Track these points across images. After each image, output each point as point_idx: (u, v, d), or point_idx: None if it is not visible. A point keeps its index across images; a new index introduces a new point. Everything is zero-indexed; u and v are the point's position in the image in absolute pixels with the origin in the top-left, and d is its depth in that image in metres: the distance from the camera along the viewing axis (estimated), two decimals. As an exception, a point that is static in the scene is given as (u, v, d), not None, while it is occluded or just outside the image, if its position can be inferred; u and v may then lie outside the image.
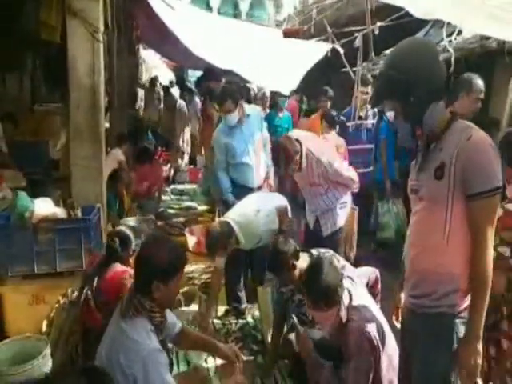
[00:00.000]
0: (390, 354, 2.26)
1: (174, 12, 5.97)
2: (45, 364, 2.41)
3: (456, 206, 1.70)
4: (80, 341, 2.67)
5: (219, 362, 2.88)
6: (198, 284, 4.15)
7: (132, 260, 2.61)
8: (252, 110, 4.04)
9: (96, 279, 2.74)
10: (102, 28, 3.45)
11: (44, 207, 3.01)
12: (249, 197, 3.55)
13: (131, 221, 4.79)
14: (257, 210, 3.27)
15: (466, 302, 1.75)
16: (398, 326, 2.18)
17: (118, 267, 2.73)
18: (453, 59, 3.91)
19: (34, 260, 2.99)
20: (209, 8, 19.70)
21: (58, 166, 5.06)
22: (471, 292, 1.72)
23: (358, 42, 5.27)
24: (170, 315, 2.23)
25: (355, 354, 2.19)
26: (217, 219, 4.04)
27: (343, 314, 2.25)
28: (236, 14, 20.13)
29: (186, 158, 8.98)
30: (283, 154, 3.25)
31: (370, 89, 4.75)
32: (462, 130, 1.72)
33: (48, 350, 2.44)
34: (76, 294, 2.86)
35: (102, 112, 3.50)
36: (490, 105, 4.84)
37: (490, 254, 1.68)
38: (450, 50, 3.99)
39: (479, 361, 1.71)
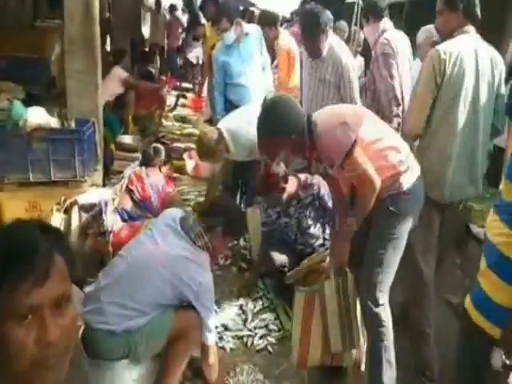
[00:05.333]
0: None
1: None
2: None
3: None
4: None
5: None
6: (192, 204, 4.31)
7: (164, 169, 3.34)
8: (252, 28, 3.93)
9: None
10: None
11: (37, 115, 3.02)
12: (244, 107, 3.55)
13: (127, 138, 4.88)
14: (248, 122, 3.21)
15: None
16: None
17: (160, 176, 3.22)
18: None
19: (28, 168, 3.04)
20: None
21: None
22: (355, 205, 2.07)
23: None
24: None
25: None
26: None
27: None
28: None
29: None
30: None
31: None
32: None
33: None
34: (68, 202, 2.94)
35: (96, 24, 3.41)
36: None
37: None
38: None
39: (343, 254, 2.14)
